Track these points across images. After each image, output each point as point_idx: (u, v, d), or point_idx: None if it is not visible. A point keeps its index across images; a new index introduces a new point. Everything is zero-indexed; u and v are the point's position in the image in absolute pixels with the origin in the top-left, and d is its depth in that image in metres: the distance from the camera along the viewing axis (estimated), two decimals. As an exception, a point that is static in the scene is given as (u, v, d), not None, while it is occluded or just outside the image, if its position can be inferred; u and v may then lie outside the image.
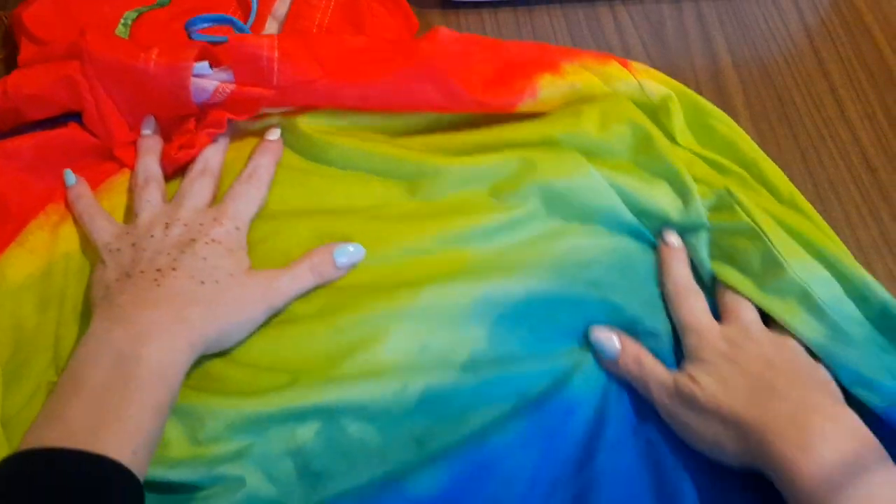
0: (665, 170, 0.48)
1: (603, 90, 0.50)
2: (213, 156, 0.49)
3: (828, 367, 0.42)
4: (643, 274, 0.47)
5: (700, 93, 0.53)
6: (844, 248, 0.46)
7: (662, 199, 0.47)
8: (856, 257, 0.46)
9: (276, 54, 0.47)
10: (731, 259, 0.46)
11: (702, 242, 0.47)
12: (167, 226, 0.44)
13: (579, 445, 0.41)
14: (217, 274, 0.42)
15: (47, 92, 0.49)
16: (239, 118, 0.49)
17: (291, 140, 0.51)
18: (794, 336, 0.43)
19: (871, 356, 0.41)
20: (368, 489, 0.39)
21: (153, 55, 0.47)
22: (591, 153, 0.49)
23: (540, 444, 0.41)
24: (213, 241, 0.44)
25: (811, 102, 0.57)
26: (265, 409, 0.39)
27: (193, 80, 0.47)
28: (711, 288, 0.46)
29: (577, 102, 0.50)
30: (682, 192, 0.47)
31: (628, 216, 0.47)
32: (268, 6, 0.58)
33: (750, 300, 0.45)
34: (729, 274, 0.45)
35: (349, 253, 0.45)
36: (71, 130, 0.50)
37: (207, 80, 0.48)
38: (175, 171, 0.50)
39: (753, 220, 0.45)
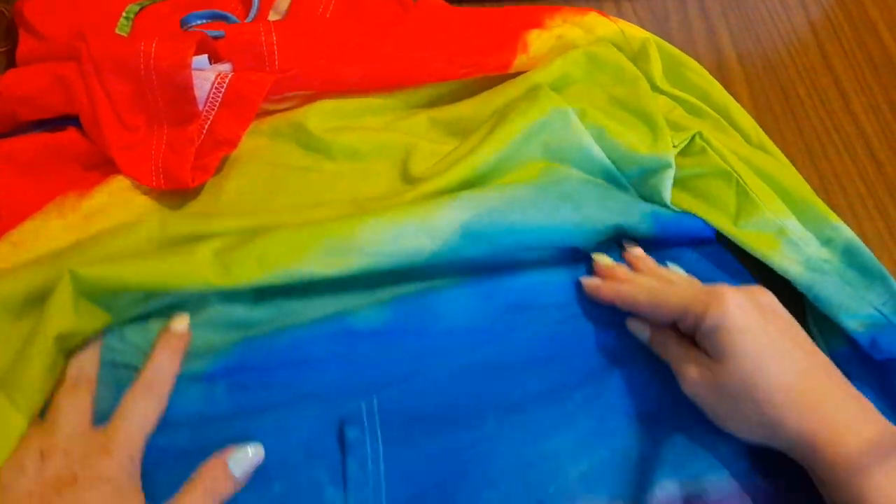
0: (640, 111, 0.49)
1: (586, 38, 0.52)
2: (87, 362, 0.40)
3: (808, 297, 0.44)
4: (615, 198, 0.47)
5: (705, 85, 0.53)
6: (810, 189, 0.48)
7: (633, 136, 0.48)
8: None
9: (275, 38, 0.47)
10: (706, 201, 0.47)
11: (666, 182, 0.47)
12: (43, 455, 0.36)
13: (523, 307, 0.44)
14: None
15: (41, 93, 0.48)
16: (244, 129, 0.48)
17: (295, 136, 0.50)
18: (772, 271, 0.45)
19: (845, 287, 0.44)
20: (319, 322, 0.42)
21: (154, 41, 0.47)
22: (570, 95, 0.50)
23: (481, 301, 0.43)
24: (99, 479, 0.35)
25: (816, 96, 0.57)
26: (233, 284, 0.41)
27: (193, 72, 0.46)
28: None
29: (562, 51, 0.52)
30: (654, 131, 0.48)
31: (600, 155, 0.48)
32: (269, 0, 0.58)
33: (729, 234, 0.46)
34: (706, 211, 0.47)
35: (246, 459, 0.38)
36: (70, 134, 0.49)
37: (207, 72, 0.47)
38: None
39: (726, 163, 0.47)
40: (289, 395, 0.40)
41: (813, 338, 0.45)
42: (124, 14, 0.57)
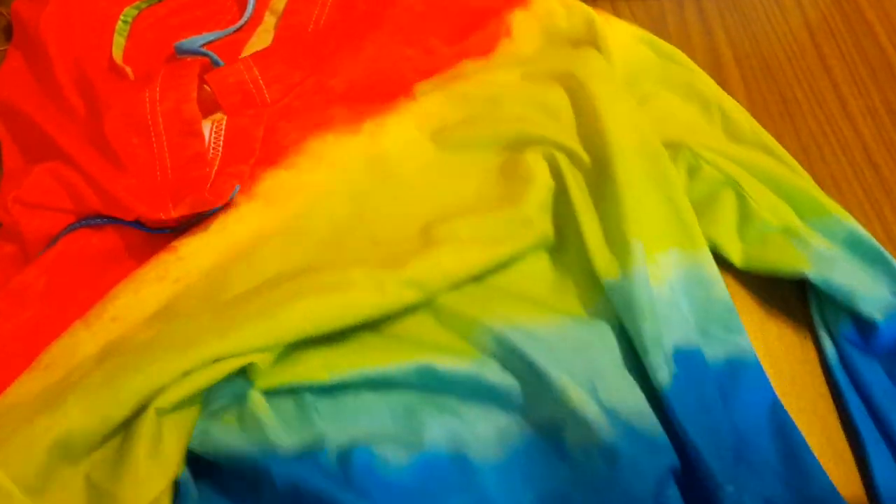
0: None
1: (568, 17, 0.52)
2: None
3: (821, 292, 0.44)
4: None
5: (701, 87, 0.53)
6: (809, 177, 0.48)
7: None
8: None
9: (257, 71, 0.47)
10: (709, 215, 0.47)
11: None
12: None
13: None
14: None
15: (50, 201, 0.46)
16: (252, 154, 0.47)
17: None
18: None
19: (856, 272, 0.44)
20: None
21: (157, 84, 0.45)
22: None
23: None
24: None
25: (813, 98, 0.57)
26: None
27: None
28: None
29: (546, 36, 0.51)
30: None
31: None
32: (265, 1, 0.58)
33: (736, 261, 0.46)
34: (712, 229, 0.46)
35: None
36: (78, 235, 0.45)
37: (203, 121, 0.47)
38: None
39: (721, 171, 0.47)
40: None
41: (818, 329, 0.45)
42: (122, 17, 0.57)
